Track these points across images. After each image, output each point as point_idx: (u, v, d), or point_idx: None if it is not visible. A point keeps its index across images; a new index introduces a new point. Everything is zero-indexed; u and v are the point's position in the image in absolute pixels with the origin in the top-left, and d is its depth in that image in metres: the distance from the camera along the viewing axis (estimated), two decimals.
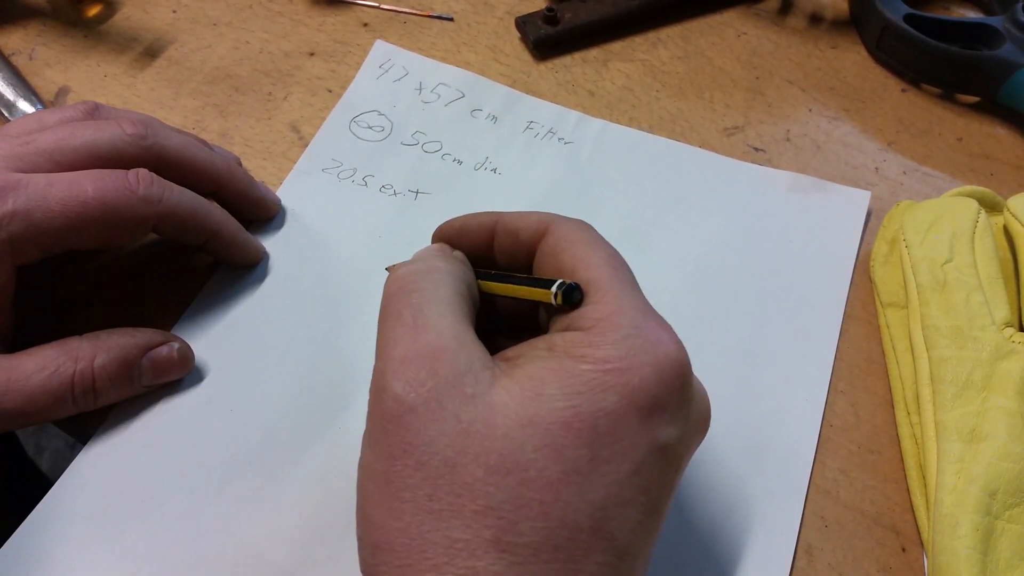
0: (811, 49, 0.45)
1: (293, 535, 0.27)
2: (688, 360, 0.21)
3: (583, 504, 0.19)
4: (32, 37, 0.41)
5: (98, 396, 0.28)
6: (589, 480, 0.19)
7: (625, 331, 0.21)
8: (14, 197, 0.26)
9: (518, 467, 0.19)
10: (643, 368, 0.20)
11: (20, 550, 0.27)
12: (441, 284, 0.23)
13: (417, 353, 0.20)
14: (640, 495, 0.20)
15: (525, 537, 0.18)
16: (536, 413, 0.19)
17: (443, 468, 0.19)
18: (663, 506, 0.21)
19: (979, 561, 0.26)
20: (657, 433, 0.20)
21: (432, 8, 0.45)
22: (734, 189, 0.38)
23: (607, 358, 0.20)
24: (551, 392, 0.20)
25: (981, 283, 0.31)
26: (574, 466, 0.19)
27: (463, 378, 0.20)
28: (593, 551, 0.19)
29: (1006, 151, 0.41)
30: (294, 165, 0.37)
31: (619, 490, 0.19)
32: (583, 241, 0.23)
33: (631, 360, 0.20)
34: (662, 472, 0.20)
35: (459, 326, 0.21)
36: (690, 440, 0.22)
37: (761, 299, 0.35)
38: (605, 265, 0.22)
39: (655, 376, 0.20)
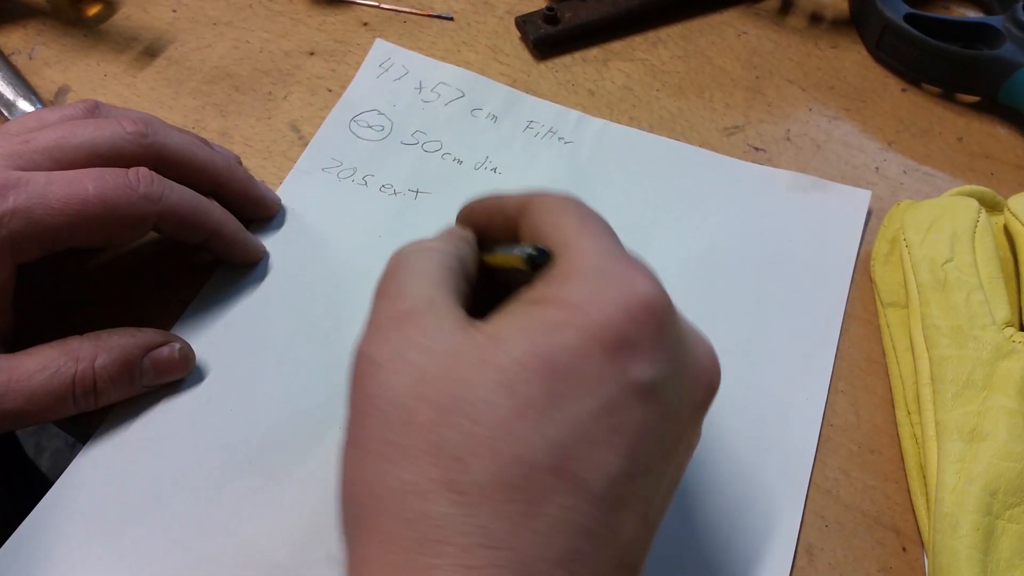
0: (811, 49, 0.45)
1: (293, 535, 0.27)
2: (666, 300, 0.21)
3: (540, 440, 0.18)
4: (32, 36, 0.41)
5: (99, 396, 0.28)
6: (546, 416, 0.18)
7: (589, 274, 0.20)
8: (14, 195, 0.26)
9: (470, 406, 0.18)
10: (607, 305, 0.20)
11: (20, 550, 0.27)
12: (425, 259, 0.23)
13: (389, 318, 0.21)
14: (613, 436, 0.19)
15: (475, 476, 0.18)
16: (492, 354, 0.19)
17: (400, 413, 0.19)
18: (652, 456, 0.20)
19: (980, 561, 0.26)
20: (630, 371, 0.19)
21: (432, 8, 0.45)
22: (734, 188, 0.38)
23: (568, 298, 0.20)
24: (509, 334, 0.20)
25: (981, 282, 0.31)
26: (528, 402, 0.18)
27: (427, 332, 0.20)
28: (555, 492, 0.18)
29: (1006, 151, 0.41)
30: (294, 164, 0.37)
31: (584, 427, 0.18)
32: (556, 208, 0.23)
33: (594, 298, 0.20)
34: (642, 414, 0.19)
35: (435, 292, 0.22)
36: (684, 386, 0.21)
37: (761, 298, 0.35)
38: (575, 225, 0.22)
39: (621, 311, 0.19)
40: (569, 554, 0.18)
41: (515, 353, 0.19)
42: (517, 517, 0.18)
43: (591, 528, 0.18)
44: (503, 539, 0.17)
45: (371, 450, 0.19)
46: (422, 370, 0.19)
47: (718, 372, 0.23)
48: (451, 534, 0.17)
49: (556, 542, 0.18)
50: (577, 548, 0.18)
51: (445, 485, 0.18)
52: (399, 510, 0.18)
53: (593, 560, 0.18)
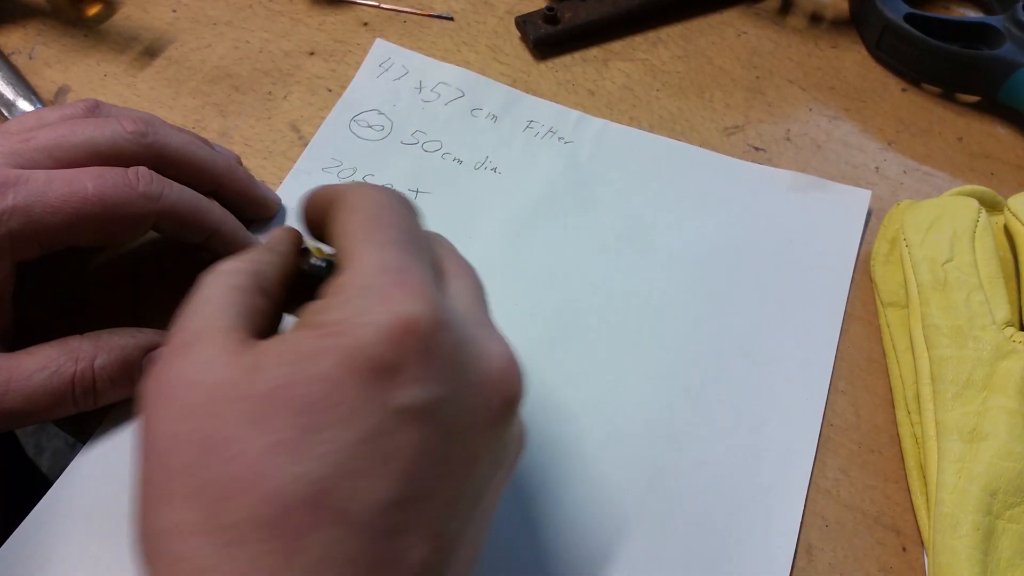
0: (811, 49, 0.45)
1: None
2: (434, 316, 0.19)
3: (293, 477, 0.17)
4: (32, 36, 0.41)
5: (98, 396, 0.28)
6: (299, 451, 0.18)
7: (354, 292, 0.20)
8: (14, 193, 0.26)
9: (224, 444, 0.18)
10: (362, 328, 0.19)
11: (20, 550, 0.27)
12: (214, 284, 0.23)
13: (168, 352, 0.21)
14: (379, 465, 0.18)
15: (232, 516, 0.17)
16: (248, 388, 0.19)
17: (161, 456, 0.19)
18: (436, 478, 0.19)
19: (980, 561, 0.26)
20: (393, 397, 0.18)
21: (432, 8, 0.45)
22: (734, 188, 0.38)
23: (327, 322, 0.19)
24: (267, 364, 0.19)
25: (981, 282, 0.31)
26: (280, 438, 0.18)
27: (193, 366, 0.20)
28: (315, 527, 0.17)
29: (1006, 151, 0.41)
30: (294, 164, 0.37)
31: (343, 460, 0.18)
32: (352, 207, 0.22)
33: (351, 321, 0.19)
34: (414, 438, 0.19)
35: (212, 320, 0.21)
36: (467, 403, 0.20)
37: (761, 298, 0.35)
38: (361, 231, 0.21)
39: (375, 336, 0.19)
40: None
41: (266, 386, 0.18)
42: (278, 555, 0.17)
43: (362, 559, 0.18)
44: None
45: (143, 491, 0.19)
46: (183, 407, 0.19)
47: (515, 380, 0.21)
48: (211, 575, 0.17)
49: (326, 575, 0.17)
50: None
51: (203, 528, 0.17)
52: (165, 553, 0.18)
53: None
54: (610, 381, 0.32)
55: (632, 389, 0.32)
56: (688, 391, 0.32)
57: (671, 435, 0.31)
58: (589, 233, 0.36)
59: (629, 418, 0.31)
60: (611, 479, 0.30)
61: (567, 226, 0.37)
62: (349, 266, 0.21)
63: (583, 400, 0.32)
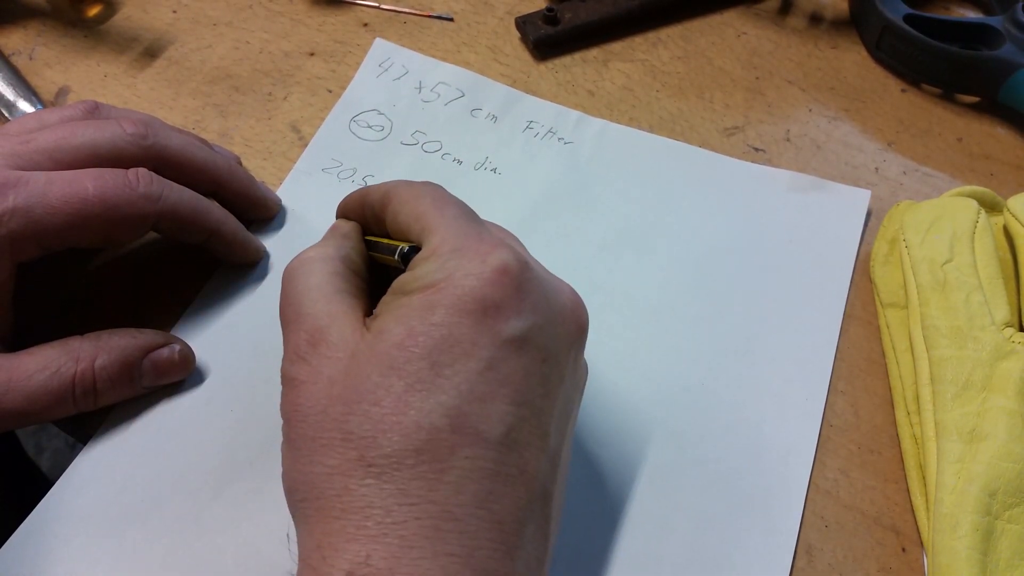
0: (811, 49, 0.45)
1: (293, 535, 0.27)
2: (520, 260, 0.23)
3: (434, 407, 0.21)
4: (32, 37, 0.41)
5: (99, 397, 0.28)
6: (435, 385, 0.21)
7: (446, 255, 0.23)
8: (14, 194, 0.26)
9: (369, 393, 0.21)
10: (465, 278, 0.22)
11: (20, 550, 0.27)
12: (310, 273, 0.25)
13: (301, 340, 0.23)
14: (500, 388, 0.21)
15: (386, 449, 0.20)
16: (378, 346, 0.22)
17: (319, 415, 0.22)
18: (538, 396, 0.22)
19: (979, 561, 0.26)
20: (499, 329, 0.22)
21: (432, 8, 0.45)
22: (734, 189, 0.38)
23: (431, 282, 0.22)
24: (389, 327, 0.22)
25: (981, 283, 0.31)
26: (416, 377, 0.21)
27: (335, 347, 0.23)
28: (459, 447, 0.21)
29: (1006, 151, 0.41)
30: (294, 165, 0.37)
31: (471, 387, 0.21)
32: (412, 198, 0.25)
33: (452, 277, 0.22)
34: (521, 363, 0.22)
35: (331, 305, 0.24)
36: (554, 330, 0.23)
37: (761, 298, 0.35)
38: (431, 213, 0.24)
39: (478, 281, 0.22)
40: (482, 496, 0.21)
41: (395, 340, 0.22)
42: (429, 475, 0.20)
43: (497, 471, 0.21)
44: (420, 495, 0.20)
45: (300, 447, 0.22)
46: (330, 377, 0.22)
47: (584, 310, 0.25)
48: (374, 500, 0.20)
49: (468, 488, 0.20)
50: (489, 490, 0.21)
51: (360, 461, 0.21)
52: (328, 489, 0.21)
53: (507, 497, 0.21)
54: (610, 381, 0.32)
55: (632, 389, 0.32)
56: (688, 390, 0.32)
57: (671, 435, 0.31)
58: (589, 233, 0.36)
59: (629, 417, 0.31)
60: (611, 479, 0.30)
61: (567, 226, 0.37)
62: (432, 238, 0.24)
63: (582, 400, 0.32)
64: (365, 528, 0.20)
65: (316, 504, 0.21)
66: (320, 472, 0.21)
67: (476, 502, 0.20)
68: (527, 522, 0.22)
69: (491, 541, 0.20)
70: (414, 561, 0.20)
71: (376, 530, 0.20)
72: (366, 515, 0.20)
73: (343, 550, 0.20)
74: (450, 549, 0.20)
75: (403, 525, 0.20)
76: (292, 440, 0.22)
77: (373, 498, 0.20)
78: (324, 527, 0.21)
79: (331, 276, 0.25)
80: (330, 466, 0.21)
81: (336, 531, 0.20)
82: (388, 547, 0.20)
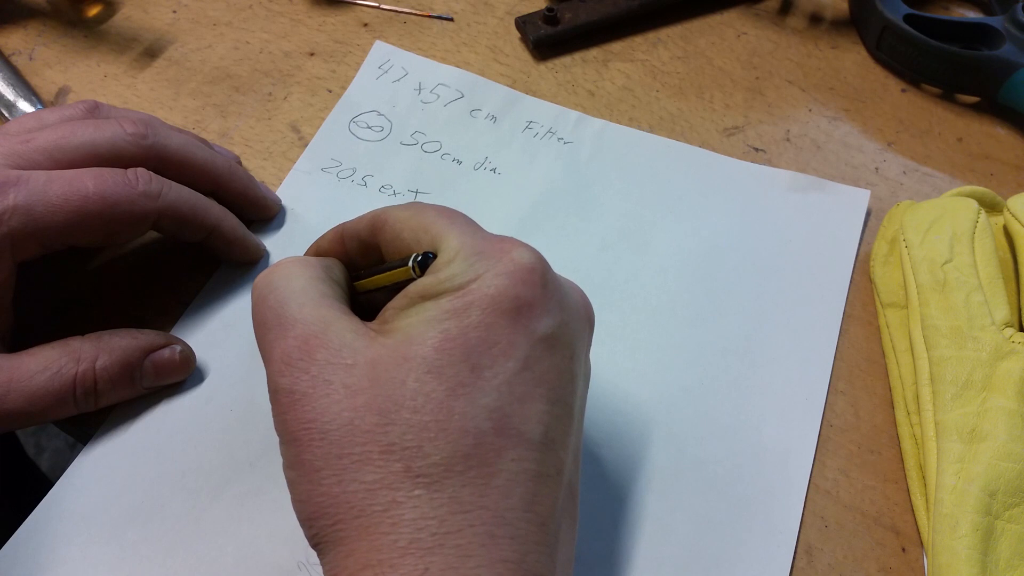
0: (811, 49, 0.45)
1: (293, 535, 0.27)
2: (541, 259, 0.23)
3: (478, 410, 0.20)
4: (32, 37, 0.41)
5: (99, 397, 0.28)
6: (476, 387, 0.20)
7: (471, 258, 0.22)
8: (15, 192, 0.26)
9: (406, 400, 0.20)
10: (496, 278, 0.22)
11: (20, 551, 0.27)
12: (292, 277, 0.24)
13: (291, 348, 0.22)
14: (537, 387, 0.21)
15: (433, 457, 0.20)
16: (409, 351, 0.21)
17: (343, 429, 0.20)
18: (568, 394, 0.22)
19: (979, 561, 0.26)
20: (533, 327, 0.22)
21: (432, 8, 0.45)
22: (734, 189, 0.38)
23: (460, 284, 0.22)
24: (420, 331, 0.21)
25: (981, 283, 0.31)
26: (457, 380, 0.20)
27: (340, 353, 0.21)
28: (504, 450, 0.20)
29: (1006, 151, 0.41)
30: (294, 165, 0.37)
31: (511, 388, 0.21)
32: (416, 212, 0.25)
33: (482, 277, 0.22)
34: (553, 361, 0.22)
35: (321, 310, 0.23)
36: (575, 326, 0.23)
37: (761, 298, 0.35)
38: (438, 220, 0.24)
39: (509, 280, 0.22)
40: (528, 498, 0.20)
41: (432, 343, 0.21)
42: (479, 480, 0.20)
43: (540, 471, 0.21)
44: (472, 502, 0.20)
45: (322, 468, 0.20)
46: (349, 386, 0.21)
47: (590, 305, 0.25)
48: (426, 511, 0.19)
49: (517, 491, 0.20)
50: (534, 492, 0.20)
51: (407, 473, 0.20)
52: (372, 506, 0.20)
53: (549, 498, 0.21)
54: (610, 381, 0.32)
55: (632, 389, 0.32)
56: (688, 391, 0.32)
57: (671, 435, 0.31)
58: (588, 233, 0.36)
59: (629, 418, 0.31)
60: (611, 479, 0.30)
61: (566, 226, 0.37)
62: (448, 243, 0.23)
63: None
64: (419, 541, 0.19)
65: (357, 523, 0.20)
66: (357, 490, 0.20)
67: (524, 505, 0.20)
68: (562, 521, 0.22)
69: (538, 544, 0.20)
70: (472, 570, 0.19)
71: (431, 541, 0.19)
72: (419, 527, 0.19)
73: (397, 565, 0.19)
74: (504, 555, 0.19)
75: (459, 534, 0.19)
76: (307, 462, 0.21)
77: (425, 508, 0.19)
78: (371, 544, 0.19)
79: (314, 281, 0.24)
80: (369, 482, 0.20)
81: (387, 546, 0.19)
82: (446, 558, 0.19)
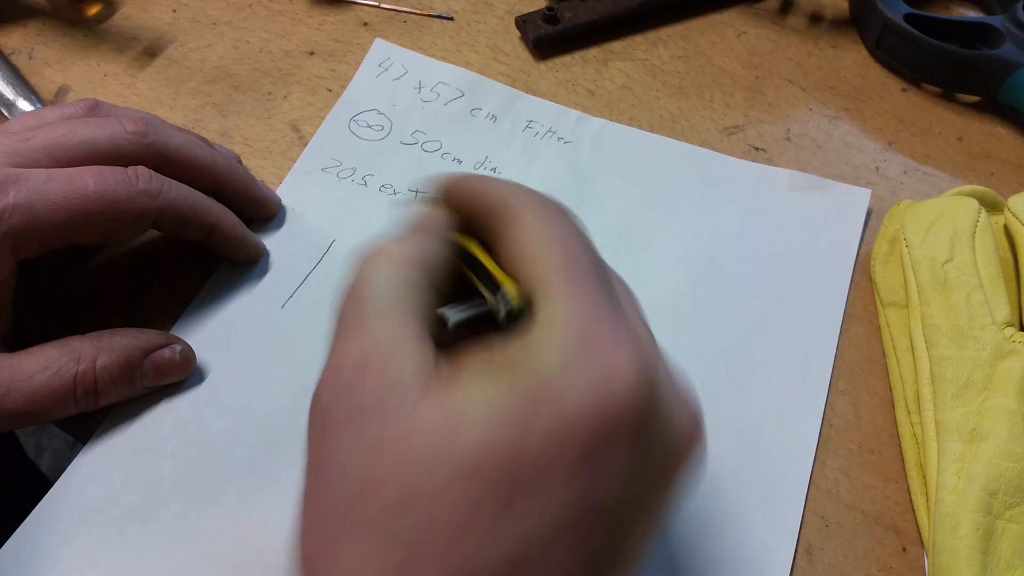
0: (811, 48, 0.45)
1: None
2: (652, 388, 0.18)
3: (493, 549, 0.17)
4: (32, 36, 0.41)
5: (99, 397, 0.28)
6: (503, 521, 0.17)
7: (568, 342, 0.18)
8: (15, 190, 0.26)
9: (426, 498, 0.17)
10: (583, 398, 0.17)
11: (20, 550, 0.27)
12: (388, 277, 0.21)
13: (348, 361, 0.19)
14: (570, 553, 0.17)
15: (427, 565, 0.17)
16: (453, 439, 0.17)
17: (358, 486, 0.18)
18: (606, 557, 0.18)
19: (980, 560, 0.26)
20: (595, 489, 0.17)
21: (432, 7, 0.45)
22: (734, 188, 0.38)
23: (541, 376, 0.18)
24: (475, 415, 0.18)
25: (981, 282, 0.31)
26: (485, 502, 0.17)
27: (390, 392, 0.18)
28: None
29: (1006, 150, 0.41)
30: (294, 164, 0.37)
31: (541, 542, 0.17)
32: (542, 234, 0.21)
33: (569, 382, 0.17)
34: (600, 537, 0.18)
35: (398, 328, 0.19)
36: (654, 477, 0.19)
37: (761, 298, 0.35)
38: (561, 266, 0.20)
39: (596, 409, 0.17)
40: None
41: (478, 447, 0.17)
42: None
43: None
44: None
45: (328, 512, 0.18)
46: (379, 441, 0.18)
47: (699, 442, 0.20)
48: None
49: None
50: None
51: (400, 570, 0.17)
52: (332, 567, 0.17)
53: None
54: None
55: None
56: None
57: None
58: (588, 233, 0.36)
59: None
60: None
61: None
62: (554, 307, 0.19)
63: None
64: None
65: None
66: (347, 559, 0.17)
67: None
68: None
69: None
70: None
71: None
72: None
73: None
74: None
75: None
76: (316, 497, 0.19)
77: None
78: None
79: (406, 287, 0.20)
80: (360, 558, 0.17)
81: None
82: None
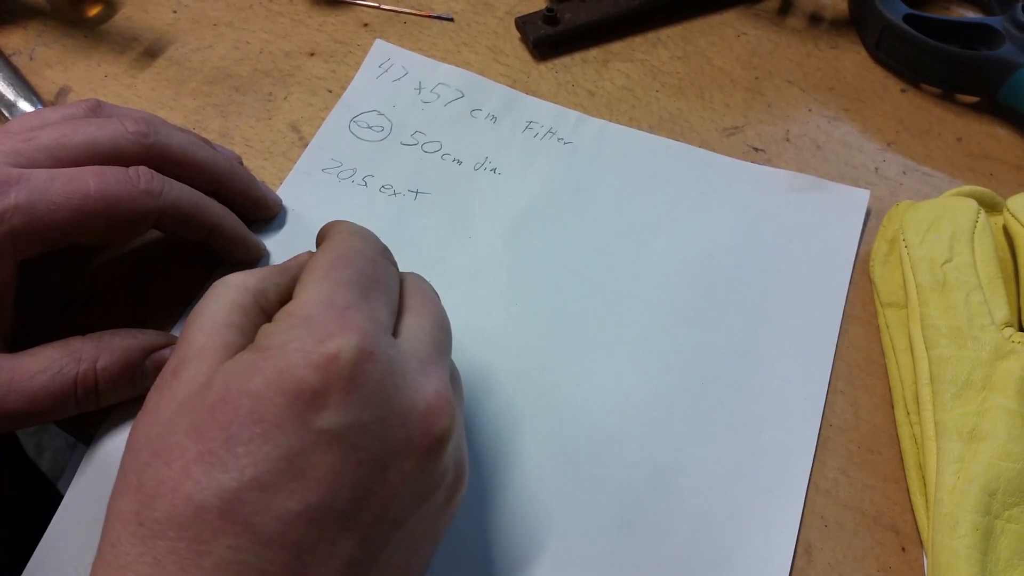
0: (811, 49, 0.45)
1: None
2: (362, 349, 0.21)
3: (211, 485, 0.19)
4: (32, 37, 0.41)
5: (100, 397, 0.28)
6: (222, 462, 0.19)
7: (295, 321, 0.22)
8: (16, 191, 0.26)
9: (166, 449, 0.20)
10: (294, 354, 0.21)
11: (45, 563, 0.26)
12: (216, 297, 0.24)
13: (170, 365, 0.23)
14: (291, 482, 0.20)
15: (158, 513, 0.19)
16: (198, 401, 0.21)
17: (131, 452, 0.21)
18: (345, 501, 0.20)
19: (979, 561, 0.26)
20: (311, 418, 0.20)
21: (432, 8, 0.45)
22: (734, 189, 0.38)
23: (267, 345, 0.21)
24: (216, 380, 0.21)
25: (981, 283, 0.31)
26: (209, 447, 0.20)
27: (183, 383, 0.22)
28: (222, 534, 0.19)
29: (1006, 151, 0.41)
30: (294, 165, 0.37)
31: (258, 474, 0.19)
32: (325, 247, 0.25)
33: (286, 346, 0.21)
34: (327, 459, 0.20)
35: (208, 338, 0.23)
36: (384, 432, 0.21)
37: (760, 299, 0.35)
38: (320, 269, 0.23)
39: (304, 360, 0.20)
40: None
41: (210, 399, 0.20)
42: (185, 554, 0.19)
43: (263, 569, 0.19)
44: (173, 572, 0.19)
45: (119, 478, 0.21)
46: (157, 415, 0.21)
47: (441, 417, 0.22)
48: (133, 562, 0.19)
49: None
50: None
51: (135, 517, 0.20)
52: (109, 532, 0.20)
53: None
54: (610, 381, 0.32)
55: (632, 389, 0.32)
56: (688, 391, 0.32)
57: (671, 435, 0.31)
58: (588, 233, 0.36)
59: (629, 418, 0.31)
60: (611, 479, 0.30)
61: (566, 226, 0.37)
62: (298, 296, 0.23)
63: (583, 400, 0.32)
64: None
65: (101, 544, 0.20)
66: (114, 511, 0.20)
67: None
68: None
69: None
70: None
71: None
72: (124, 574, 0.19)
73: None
74: None
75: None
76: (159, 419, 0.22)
77: (133, 559, 0.19)
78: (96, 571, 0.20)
79: (232, 306, 0.24)
80: (117, 510, 0.20)
81: None
82: None
